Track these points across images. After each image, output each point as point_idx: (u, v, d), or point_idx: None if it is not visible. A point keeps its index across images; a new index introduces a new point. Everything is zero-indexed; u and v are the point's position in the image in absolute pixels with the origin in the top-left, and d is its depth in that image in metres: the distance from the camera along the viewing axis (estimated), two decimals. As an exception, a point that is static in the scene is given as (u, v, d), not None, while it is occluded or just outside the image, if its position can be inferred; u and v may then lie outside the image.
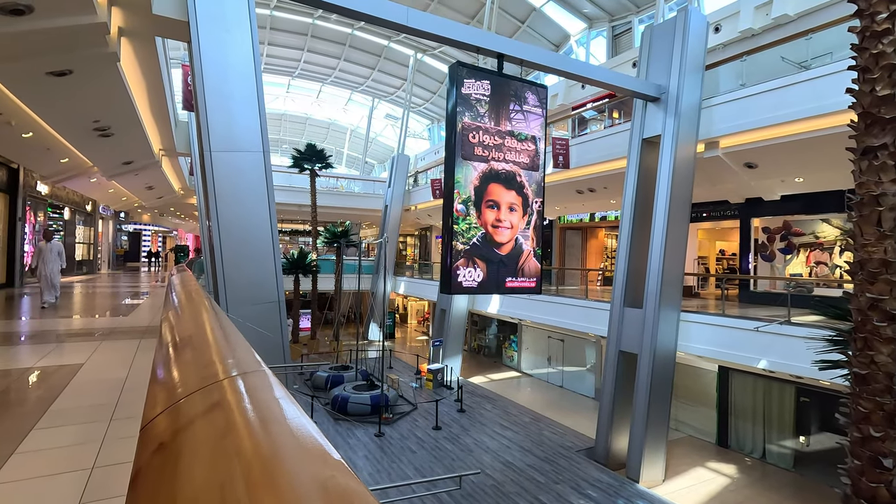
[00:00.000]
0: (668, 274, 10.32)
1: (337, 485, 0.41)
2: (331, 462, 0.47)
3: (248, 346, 0.89)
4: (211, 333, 0.99)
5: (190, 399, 0.64)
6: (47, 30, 5.37)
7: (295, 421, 0.52)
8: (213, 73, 6.20)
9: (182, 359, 0.84)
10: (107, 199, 22.00)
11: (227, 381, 0.65)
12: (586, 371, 17.20)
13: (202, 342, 0.93)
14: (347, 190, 31.76)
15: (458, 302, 18.52)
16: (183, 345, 0.98)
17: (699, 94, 10.75)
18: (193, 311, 1.30)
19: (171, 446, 0.52)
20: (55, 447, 2.63)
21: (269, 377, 0.69)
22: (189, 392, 0.66)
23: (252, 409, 0.57)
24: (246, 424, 0.53)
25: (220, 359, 0.77)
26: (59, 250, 9.06)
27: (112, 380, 3.97)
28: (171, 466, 0.48)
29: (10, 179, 12.96)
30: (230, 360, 0.75)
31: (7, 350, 5.29)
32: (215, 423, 0.55)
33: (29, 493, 2.13)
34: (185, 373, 0.74)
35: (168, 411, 0.63)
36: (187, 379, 0.71)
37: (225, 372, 0.70)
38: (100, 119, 9.16)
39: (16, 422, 2.98)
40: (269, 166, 6.42)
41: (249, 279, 6.24)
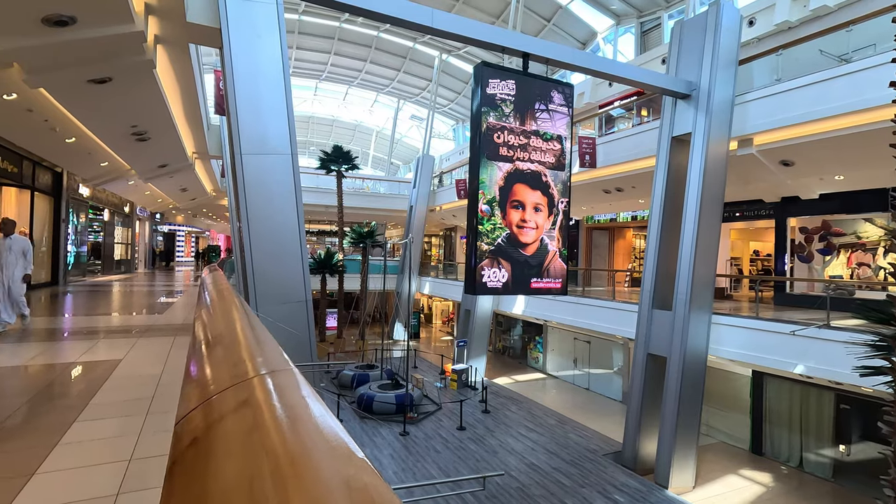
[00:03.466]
0: (699, 275, 10.06)
1: (361, 482, 0.42)
2: (355, 460, 0.48)
3: (277, 345, 0.91)
4: (241, 332, 1.02)
5: (221, 396, 0.66)
6: (89, 39, 5.62)
7: (321, 419, 0.54)
8: (244, 77, 6.36)
9: (214, 356, 0.87)
10: (143, 201, 22.82)
11: (257, 379, 0.67)
12: (613, 374, 16.91)
13: (233, 340, 0.96)
14: (373, 191, 32.09)
15: (482, 302, 18.48)
16: (215, 343, 1.01)
17: (732, 90, 10.43)
18: (224, 310, 1.34)
19: (204, 441, 0.54)
20: (95, 439, 2.74)
21: (297, 376, 0.71)
22: (220, 389, 0.68)
23: (280, 407, 0.59)
24: (274, 421, 0.55)
25: (249, 357, 0.80)
26: (22, 248, 6.49)
27: (148, 375, 4.12)
28: (204, 460, 0.50)
29: (55, 183, 13.59)
30: (259, 359, 0.77)
31: (52, 345, 5.55)
32: (245, 419, 0.57)
33: (71, 482, 2.23)
34: (216, 370, 0.77)
35: (201, 407, 0.65)
36: (219, 376, 0.74)
37: (254, 370, 0.72)
38: (137, 124, 9.51)
39: (60, 414, 3.13)
40: (297, 168, 6.55)
41: (278, 278, 6.37)
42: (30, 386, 3.79)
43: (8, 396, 3.49)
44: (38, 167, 12.41)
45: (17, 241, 6.48)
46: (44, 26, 5.19)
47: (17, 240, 6.50)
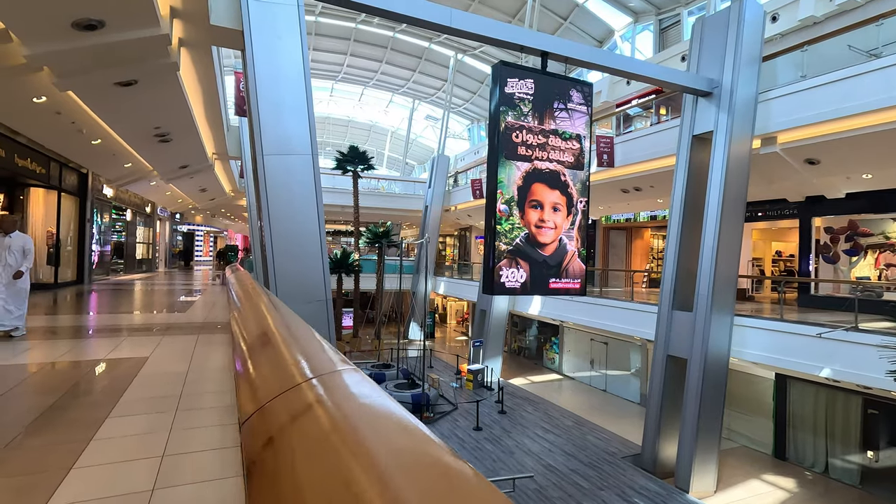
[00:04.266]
0: (721, 276, 9.88)
1: (466, 481, 0.41)
2: (447, 456, 0.48)
3: (329, 344, 0.91)
4: (290, 331, 1.02)
5: (288, 395, 0.65)
6: (116, 43, 5.73)
7: (403, 418, 0.53)
8: (266, 79, 6.43)
9: (270, 355, 0.87)
10: (164, 201, 23.24)
11: (325, 377, 0.67)
12: (631, 375, 16.72)
13: (285, 339, 0.96)
14: (388, 191, 32.21)
15: (498, 303, 18.42)
16: (264, 341, 1.01)
17: (755, 88, 10.23)
18: (266, 309, 1.34)
19: (281, 441, 0.54)
20: (128, 435, 2.79)
21: (361, 374, 0.70)
22: (286, 388, 0.67)
23: (355, 406, 0.58)
24: (353, 420, 0.54)
25: (307, 356, 0.79)
26: (23, 247, 5.89)
27: (175, 373, 4.18)
28: (286, 460, 0.50)
29: (81, 183, 13.91)
30: (321, 357, 0.77)
31: (80, 343, 5.67)
32: (321, 419, 0.56)
33: (108, 477, 2.27)
34: (278, 369, 0.77)
35: (268, 406, 0.65)
36: (282, 375, 0.74)
37: (318, 369, 0.72)
38: (160, 125, 9.68)
39: (92, 410, 3.19)
40: (317, 169, 6.60)
41: (299, 278, 6.43)
42: (61, 382, 3.87)
43: (41, 392, 3.58)
44: (64, 168, 12.72)
45: (17, 240, 5.91)
46: (73, 30, 5.31)
47: (17, 238, 5.94)
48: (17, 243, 5.90)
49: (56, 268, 12.81)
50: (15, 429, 2.78)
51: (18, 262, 5.84)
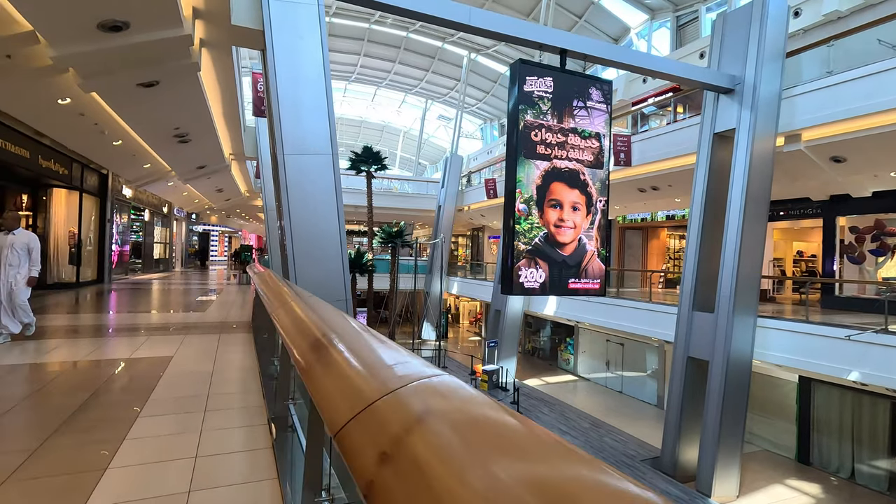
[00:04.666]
0: (744, 276, 9.69)
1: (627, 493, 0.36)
2: (595, 462, 0.42)
3: (404, 349, 0.86)
4: (358, 332, 0.97)
5: (387, 403, 0.60)
6: (140, 44, 5.78)
7: (530, 424, 0.48)
8: (286, 79, 6.43)
9: (345, 359, 0.82)
10: (181, 202, 23.50)
11: (425, 381, 0.62)
12: (648, 377, 16.51)
13: (354, 342, 0.92)
14: (401, 191, 32.25)
15: (513, 303, 18.31)
16: (330, 342, 0.97)
17: (779, 84, 10.02)
18: (322, 307, 1.30)
19: (400, 458, 0.49)
20: (160, 435, 2.78)
21: (456, 378, 0.65)
22: (381, 394, 0.63)
23: (474, 415, 0.53)
24: (485, 432, 0.49)
25: (394, 360, 0.75)
26: (27, 245, 5.65)
27: (200, 372, 4.18)
28: (415, 478, 0.45)
29: (101, 184, 14.11)
30: (410, 362, 0.72)
31: (105, 342, 5.72)
32: (441, 431, 0.51)
33: (143, 478, 2.26)
34: (363, 372, 0.72)
35: (363, 415, 0.60)
36: (373, 378, 0.69)
37: (412, 375, 0.66)
38: (180, 126, 9.77)
39: (123, 409, 3.19)
40: (337, 169, 6.58)
41: (319, 277, 6.42)
42: (90, 381, 3.89)
43: (72, 391, 3.59)
44: (86, 169, 12.90)
45: (20, 238, 5.62)
46: (99, 32, 5.36)
47: (21, 235, 5.65)
48: (21, 241, 5.62)
49: (77, 267, 13.00)
50: (49, 426, 2.79)
51: (22, 261, 5.57)
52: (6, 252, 5.48)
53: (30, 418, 2.99)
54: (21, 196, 12.70)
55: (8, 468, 2.23)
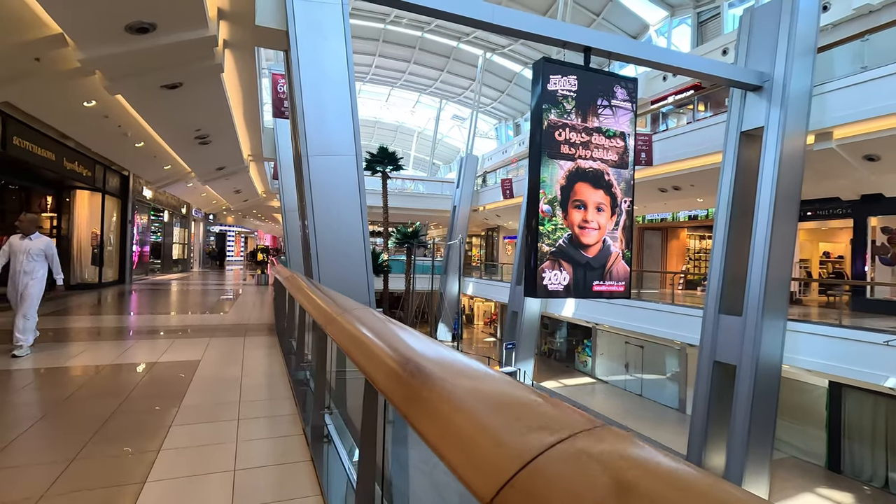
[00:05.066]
0: (773, 279, 9.42)
1: None
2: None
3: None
4: (477, 370, 0.86)
5: (558, 455, 0.49)
6: (166, 46, 5.76)
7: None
8: (310, 79, 6.37)
9: (484, 398, 0.70)
10: (199, 203, 23.72)
11: (593, 431, 0.50)
12: (668, 380, 16.21)
13: (474, 374, 0.80)
14: (415, 191, 32.23)
15: (530, 304, 18.12)
16: (455, 375, 0.85)
17: (809, 81, 9.72)
18: (409, 338, 1.18)
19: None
20: (195, 446, 2.71)
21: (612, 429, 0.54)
22: (541, 449, 0.51)
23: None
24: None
25: (554, 404, 0.63)
26: (43, 252, 5.25)
27: (229, 378, 4.12)
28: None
29: (122, 186, 14.25)
30: (553, 409, 0.61)
31: (131, 344, 5.71)
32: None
33: (182, 492, 2.18)
34: (516, 423, 0.60)
35: (525, 473, 0.49)
36: (523, 428, 0.58)
37: (583, 419, 0.55)
38: (201, 127, 9.79)
39: (156, 417, 3.14)
40: (361, 169, 6.51)
41: (343, 277, 6.34)
42: (120, 386, 3.85)
43: (102, 397, 3.55)
44: (108, 171, 13.04)
45: (37, 243, 5.21)
46: (126, 34, 5.35)
47: (38, 241, 5.24)
48: (38, 247, 5.22)
49: (100, 268, 13.14)
50: (83, 435, 2.74)
51: (37, 268, 5.17)
52: (22, 258, 5.11)
53: (63, 427, 2.95)
54: (46, 197, 12.88)
55: (46, 481, 2.17)
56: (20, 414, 3.17)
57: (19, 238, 5.27)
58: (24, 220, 5.38)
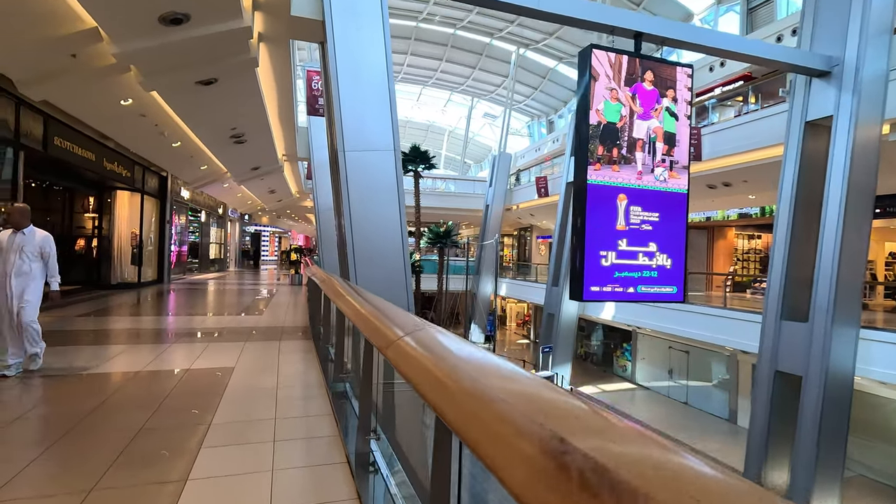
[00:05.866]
0: (845, 281, 8.58)
1: None
2: None
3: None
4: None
5: None
6: (199, 38, 5.56)
7: None
8: (347, 71, 6.07)
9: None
10: (235, 203, 24.05)
11: None
12: (717, 388, 15.31)
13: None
14: (446, 190, 31.95)
15: (567, 306, 17.50)
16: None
17: (885, 64, 8.84)
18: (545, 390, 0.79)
19: None
20: (225, 475, 2.39)
21: None
22: None
23: None
24: None
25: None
26: (40, 247, 4.29)
27: (264, 389, 3.83)
28: None
29: (161, 186, 14.42)
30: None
31: (165, 349, 5.53)
32: None
33: (211, 539, 1.84)
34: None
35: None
36: None
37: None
38: (236, 126, 9.69)
39: (184, 436, 2.84)
40: (399, 165, 6.17)
41: (380, 276, 6.01)
42: (150, 397, 3.60)
43: (130, 410, 3.30)
44: (147, 171, 13.19)
45: (31, 238, 4.25)
46: (160, 25, 5.18)
47: (31, 236, 4.26)
48: (33, 243, 4.24)
49: (139, 267, 13.30)
50: (107, 457, 2.46)
51: (33, 269, 4.21)
52: (13, 257, 4.14)
53: (85, 447, 2.68)
54: (88, 198, 13.13)
55: (58, 518, 1.87)
56: (41, 431, 2.93)
57: (9, 232, 4.26)
58: (12, 211, 4.32)
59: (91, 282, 12.35)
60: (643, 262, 7.96)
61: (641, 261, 7.95)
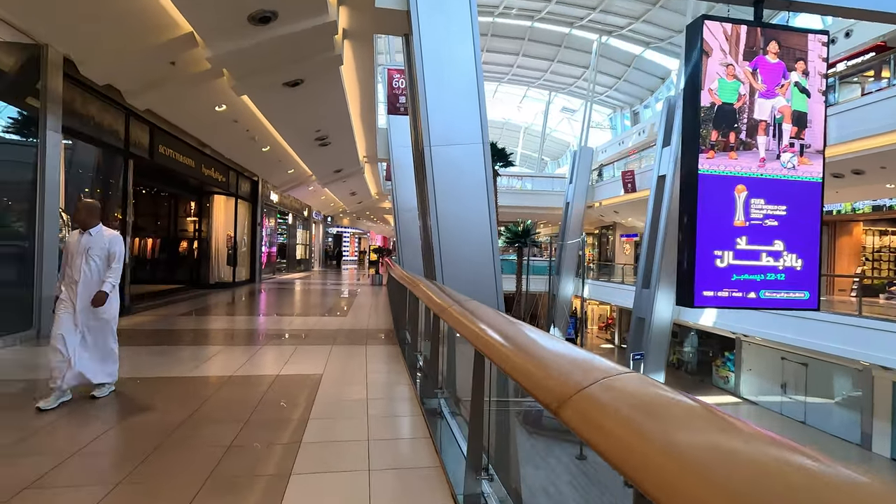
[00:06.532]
0: None
1: None
2: None
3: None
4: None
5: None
6: (286, 36, 5.50)
7: None
8: (433, 62, 5.74)
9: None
10: (319, 205, 24.99)
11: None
12: (844, 407, 13.31)
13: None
14: (523, 188, 31.18)
15: (660, 310, 16.13)
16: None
17: None
18: None
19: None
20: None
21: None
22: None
23: None
24: None
25: None
26: (107, 249, 3.71)
27: (353, 402, 3.55)
28: None
29: (252, 190, 15.17)
30: None
31: (256, 351, 5.50)
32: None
33: None
34: None
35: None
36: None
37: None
38: (321, 128, 9.80)
39: (275, 458, 2.59)
40: (488, 159, 5.74)
41: (469, 279, 5.60)
42: (239, 408, 3.44)
43: (219, 422, 3.13)
44: (240, 177, 13.89)
45: (99, 239, 3.64)
46: (249, 25, 5.16)
47: (99, 237, 3.65)
48: (100, 244, 3.62)
49: (234, 268, 14.03)
50: (194, 478, 2.25)
51: (101, 271, 3.59)
52: (79, 260, 3.55)
53: (175, 466, 2.51)
54: (190, 203, 14.09)
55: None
56: (131, 445, 2.81)
57: (76, 232, 3.69)
58: (80, 208, 3.70)
59: (192, 281, 13.20)
60: (767, 264, 6.89)
61: (765, 261, 6.89)
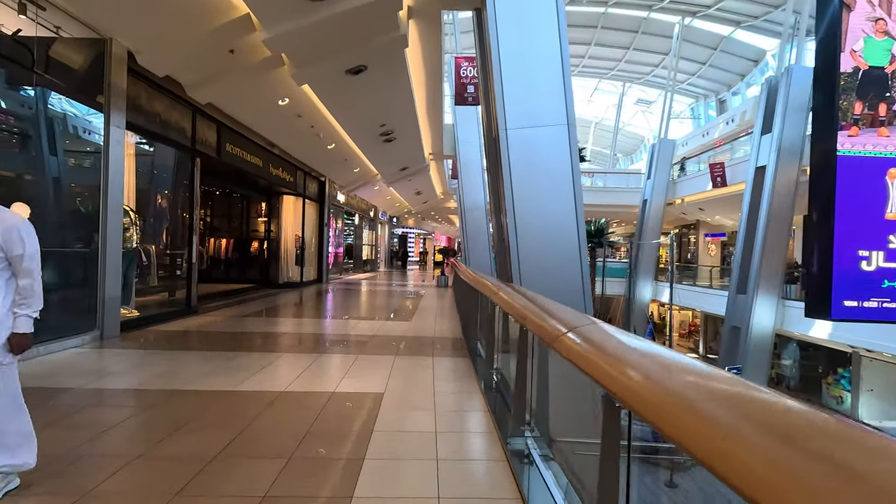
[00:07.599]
0: None
1: None
2: None
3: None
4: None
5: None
6: (346, 13, 5.01)
7: None
8: (510, 36, 5.01)
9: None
10: (384, 206, 24.99)
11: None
12: None
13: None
14: (595, 185, 29.50)
15: (760, 318, 14.28)
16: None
17: None
18: None
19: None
20: None
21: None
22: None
23: None
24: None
25: None
26: (22, 239, 2.06)
27: (420, 436, 2.89)
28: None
29: (319, 191, 15.17)
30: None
31: (315, 360, 5.03)
32: None
33: None
34: None
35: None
36: None
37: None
38: (385, 122, 9.38)
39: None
40: (574, 141, 4.90)
41: (551, 280, 4.80)
42: (287, 436, 2.88)
43: (261, 457, 2.58)
44: (307, 177, 13.88)
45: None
46: (306, 1, 4.70)
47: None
48: None
49: (302, 268, 14.06)
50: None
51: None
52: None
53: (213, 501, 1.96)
54: (261, 203, 14.30)
55: None
56: (160, 477, 2.32)
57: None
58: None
59: (262, 281, 13.33)
60: (931, 267, 5.49)
61: (929, 264, 5.50)
